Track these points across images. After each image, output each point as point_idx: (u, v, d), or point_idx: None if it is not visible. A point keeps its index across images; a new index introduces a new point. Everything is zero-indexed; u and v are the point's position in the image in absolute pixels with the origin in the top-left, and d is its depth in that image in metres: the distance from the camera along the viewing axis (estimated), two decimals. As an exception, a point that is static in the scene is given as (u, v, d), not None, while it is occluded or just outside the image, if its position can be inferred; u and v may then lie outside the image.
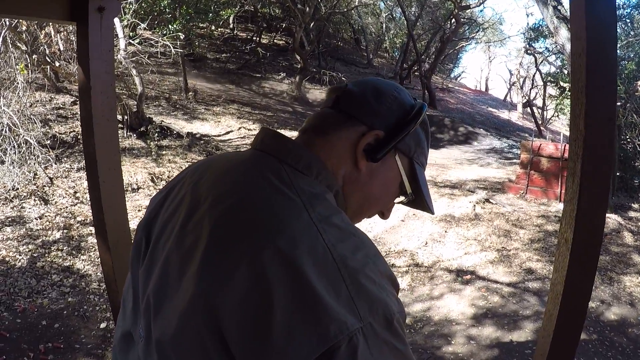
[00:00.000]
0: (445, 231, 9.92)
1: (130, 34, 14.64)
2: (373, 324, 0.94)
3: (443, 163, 16.79)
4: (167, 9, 17.19)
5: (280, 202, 1.08)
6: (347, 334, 0.90)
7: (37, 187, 9.94)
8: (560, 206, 11.20)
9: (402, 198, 1.44)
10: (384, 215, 1.45)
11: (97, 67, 2.60)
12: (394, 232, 10.05)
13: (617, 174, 12.83)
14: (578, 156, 1.62)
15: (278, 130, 1.28)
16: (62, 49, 13.22)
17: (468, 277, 8.16)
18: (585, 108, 1.58)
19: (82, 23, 2.61)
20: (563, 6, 13.94)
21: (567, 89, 24.18)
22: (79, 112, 13.53)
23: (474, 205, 10.96)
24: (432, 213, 1.48)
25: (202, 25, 25.04)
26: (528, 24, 37.42)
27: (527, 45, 33.66)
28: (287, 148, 1.23)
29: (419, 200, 1.44)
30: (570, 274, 1.68)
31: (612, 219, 10.08)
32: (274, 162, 1.19)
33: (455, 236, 9.70)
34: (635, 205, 11.69)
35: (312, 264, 0.96)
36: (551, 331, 1.75)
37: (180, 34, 16.76)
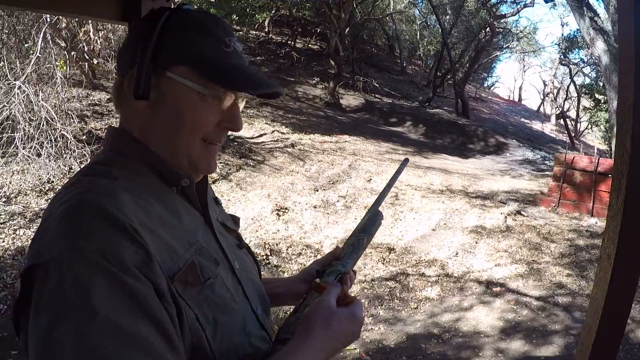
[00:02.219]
0: (476, 242, 9.88)
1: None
2: (44, 265, 0.98)
3: (475, 173, 16.70)
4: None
5: None
6: (22, 272, 1.01)
7: (72, 181, 10.08)
8: (592, 221, 11.11)
9: (228, 101, 1.33)
10: (232, 128, 1.37)
11: (148, 67, 2.65)
12: (424, 241, 10.03)
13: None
14: (623, 174, 1.63)
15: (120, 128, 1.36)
16: (100, 47, 13.39)
17: (498, 289, 8.13)
18: (633, 126, 1.59)
19: (133, 24, 2.68)
20: (600, 17, 13.85)
21: (602, 101, 23.97)
22: (114, 110, 13.73)
23: (505, 217, 10.91)
24: (270, 88, 1.37)
25: (237, 28, 25.21)
26: (563, 34, 37.14)
27: (562, 56, 33.44)
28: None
29: (235, 85, 1.31)
30: (611, 289, 1.70)
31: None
32: None
33: (486, 247, 9.66)
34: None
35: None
36: (590, 345, 1.76)
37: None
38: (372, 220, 1.79)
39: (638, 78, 1.58)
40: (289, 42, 31.28)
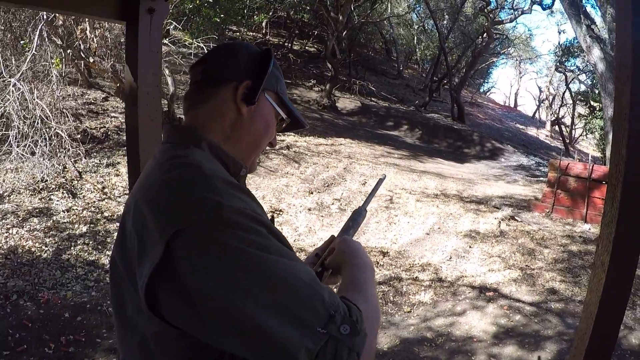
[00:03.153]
0: (470, 247, 9.89)
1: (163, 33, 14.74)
2: (194, 225, 1.19)
3: (469, 178, 16.71)
4: (193, 12, 17.31)
5: (149, 166, 1.49)
6: (166, 238, 1.17)
7: (65, 180, 10.05)
8: (585, 227, 11.13)
9: (282, 125, 1.78)
10: (273, 144, 1.76)
11: (145, 67, 2.64)
12: (418, 244, 10.04)
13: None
14: (618, 181, 1.64)
15: (178, 123, 1.64)
16: (96, 45, 13.34)
17: (491, 294, 8.13)
18: (628, 134, 1.60)
19: (132, 23, 2.66)
20: (596, 25, 13.88)
21: (598, 109, 24.02)
22: (109, 109, 13.65)
23: (499, 222, 10.92)
24: (306, 126, 1.89)
25: (234, 28, 25.15)
26: (560, 41, 37.21)
27: (558, 63, 33.50)
28: (167, 132, 1.60)
29: (294, 120, 1.79)
30: (605, 295, 1.70)
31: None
32: (162, 146, 1.56)
33: (479, 252, 9.67)
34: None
35: (146, 197, 1.33)
36: (583, 350, 1.77)
37: (214, 36, 16.86)
38: (358, 214, 2.12)
39: (634, 86, 1.58)
40: (286, 44, 31.23)
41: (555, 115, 37.95)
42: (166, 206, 1.26)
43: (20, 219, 8.55)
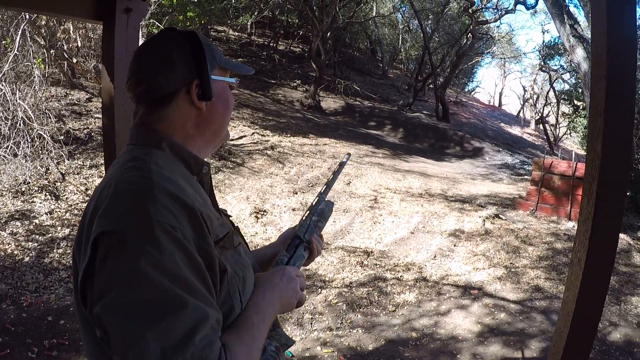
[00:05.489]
0: (454, 245, 9.90)
1: (146, 34, 14.68)
2: (119, 231, 1.25)
3: (454, 177, 16.74)
4: (176, 10, 17.26)
5: (111, 168, 1.52)
6: (94, 237, 1.27)
7: (48, 182, 9.98)
8: (570, 224, 11.17)
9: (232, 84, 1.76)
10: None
11: (122, 67, 2.62)
12: (402, 244, 10.03)
13: (628, 193, 12.71)
14: (594, 178, 1.63)
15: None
16: (79, 45, 13.28)
17: (476, 292, 8.14)
18: (603, 131, 1.59)
19: (108, 23, 2.65)
20: (580, 25, 13.93)
21: (581, 108, 24.18)
22: (93, 109, 13.57)
23: (484, 221, 10.94)
24: (252, 72, 1.89)
25: (219, 29, 25.11)
26: (544, 41, 37.30)
27: (542, 63, 33.64)
28: (129, 133, 1.60)
29: (246, 72, 1.84)
30: (582, 293, 1.70)
31: (622, 239, 10.02)
32: (126, 147, 1.59)
33: (464, 251, 9.68)
34: (645, 226, 11.61)
35: (99, 197, 1.39)
36: (561, 348, 1.76)
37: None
38: (328, 209, 2.20)
39: (610, 84, 1.58)
40: (271, 44, 31.24)
41: (540, 114, 38.12)
42: (105, 208, 1.32)
43: (2, 222, 8.47)
